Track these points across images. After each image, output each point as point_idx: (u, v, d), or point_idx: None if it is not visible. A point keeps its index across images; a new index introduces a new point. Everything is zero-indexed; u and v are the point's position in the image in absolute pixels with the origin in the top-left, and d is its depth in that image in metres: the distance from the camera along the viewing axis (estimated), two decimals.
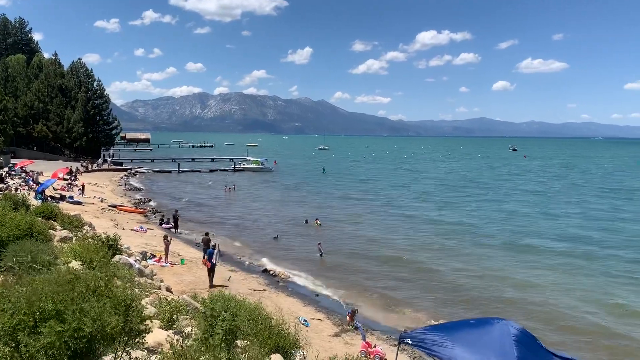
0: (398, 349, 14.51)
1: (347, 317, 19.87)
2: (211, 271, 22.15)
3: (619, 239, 36.36)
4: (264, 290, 23.28)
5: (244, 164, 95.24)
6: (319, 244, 32.02)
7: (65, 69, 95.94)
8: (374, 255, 31.38)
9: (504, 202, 55.34)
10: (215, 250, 22.92)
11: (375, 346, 17.12)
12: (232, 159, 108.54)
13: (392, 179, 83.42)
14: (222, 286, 21.87)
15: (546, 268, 28.54)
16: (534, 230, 39.38)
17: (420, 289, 24.89)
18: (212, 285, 21.74)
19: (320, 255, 31.09)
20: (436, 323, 16.22)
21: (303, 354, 11.53)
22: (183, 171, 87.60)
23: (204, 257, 23.99)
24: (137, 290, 10.95)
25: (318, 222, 40.56)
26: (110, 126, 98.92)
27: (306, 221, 41.06)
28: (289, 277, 26.62)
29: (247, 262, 29.42)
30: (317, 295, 24.18)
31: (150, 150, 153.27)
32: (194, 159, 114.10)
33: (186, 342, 7.85)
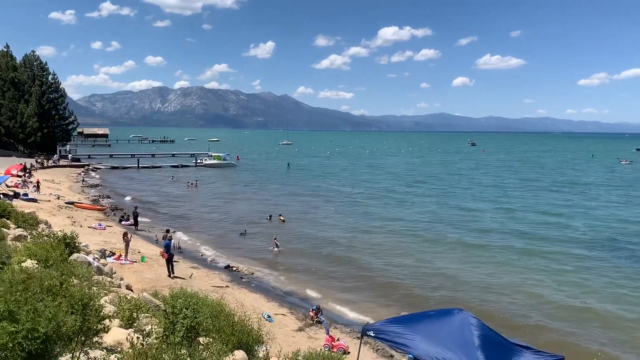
0: (361, 342, 14.68)
1: (310, 312, 19.94)
2: (169, 262, 22.75)
3: (569, 234, 37.55)
4: (226, 286, 23.12)
5: (206, 160, 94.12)
6: (275, 238, 32.18)
7: (18, 61, 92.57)
8: (337, 250, 31.57)
9: (461, 197, 56.29)
10: (172, 242, 23.53)
11: (338, 340, 17.26)
12: (194, 154, 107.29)
13: (355, 174, 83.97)
14: (182, 278, 21.66)
15: (499, 264, 29.19)
16: (488, 226, 40.21)
17: (382, 283, 25.17)
18: (172, 275, 22.36)
19: (276, 249, 31.21)
20: (398, 315, 16.46)
21: (266, 349, 11.51)
22: (143, 167, 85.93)
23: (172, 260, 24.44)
24: (95, 288, 10.71)
25: (282, 217, 40.50)
26: (67, 121, 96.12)
27: (270, 217, 40.93)
28: (252, 273, 26.51)
29: (209, 259, 29.14)
30: (281, 290, 24.18)
31: (109, 145, 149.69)
32: (154, 154, 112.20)
33: (147, 340, 7.73)
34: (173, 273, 22.61)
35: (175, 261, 26.38)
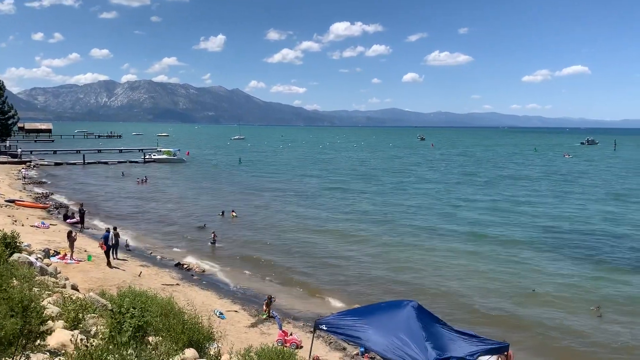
0: (314, 336, 14.79)
1: (264, 305, 19.90)
2: (108, 253, 23.80)
3: (515, 225, 38.94)
4: (177, 284, 22.76)
5: (155, 155, 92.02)
6: (213, 232, 32.01)
7: None
8: (288, 245, 31.61)
9: (408, 191, 57.31)
10: (111, 233, 24.60)
11: (291, 334, 17.31)
12: (142, 149, 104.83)
13: (307, 169, 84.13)
14: (121, 269, 21.16)
15: (447, 255, 29.98)
16: (437, 220, 41.15)
17: (334, 277, 25.37)
18: (110, 265, 23.54)
19: (213, 243, 31.06)
20: (350, 308, 16.66)
21: (218, 346, 11.43)
22: (89, 163, 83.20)
23: (112, 251, 25.06)
24: (36, 289, 10.33)
25: (234, 213, 40.14)
26: (6, 115, 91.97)
27: (222, 213, 40.52)
28: (204, 271, 26.19)
29: (159, 257, 28.57)
30: (233, 287, 24.00)
31: (52, 141, 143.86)
32: (100, 150, 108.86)
33: (92, 341, 7.52)
34: (110, 263, 23.72)
35: (124, 259, 25.92)
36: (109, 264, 23.55)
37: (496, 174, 75.72)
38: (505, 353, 12.98)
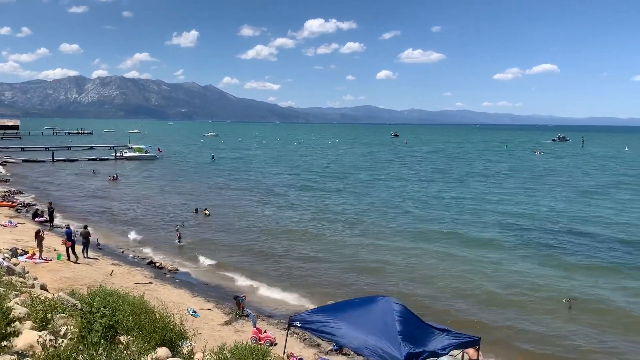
0: (287, 333, 14.77)
1: (237, 306, 19.79)
2: (72, 249, 23.89)
3: (488, 222, 39.57)
4: (149, 283, 22.51)
5: (126, 152, 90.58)
6: (177, 230, 31.69)
7: None
8: (262, 243, 31.51)
9: (382, 188, 57.58)
10: (73, 229, 25.24)
11: (265, 332, 17.29)
12: (114, 146, 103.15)
13: (282, 166, 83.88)
14: (87, 264, 20.82)
15: (419, 253, 30.33)
16: (412, 217, 41.54)
17: (307, 274, 25.42)
18: (70, 258, 23.63)
19: (179, 241, 30.79)
20: (324, 304, 16.69)
21: (191, 344, 11.34)
22: (58, 160, 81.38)
23: (83, 250, 25.27)
24: (2, 290, 10.07)
25: (207, 211, 39.82)
26: None
27: (195, 210, 40.17)
28: (177, 269, 25.93)
29: (131, 255, 28.18)
30: (207, 285, 23.83)
31: (20, 138, 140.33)
32: (70, 147, 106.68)
33: (61, 341, 7.38)
34: (77, 258, 23.87)
35: (95, 258, 25.52)
36: (71, 259, 23.64)
37: (467, 171, 76.58)
38: (477, 347, 13.21)
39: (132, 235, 32.94)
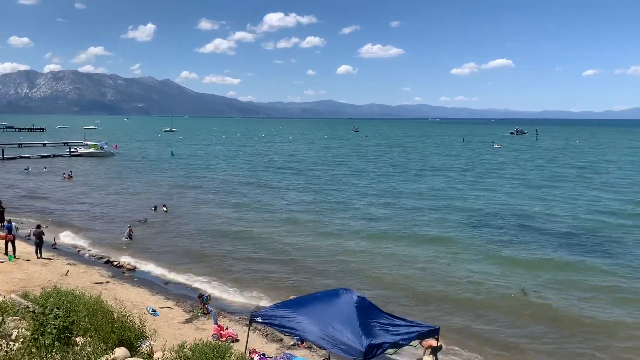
0: (249, 329, 14.74)
1: (200, 305, 19.54)
2: (12, 243, 24.06)
3: (446, 215, 40.35)
4: (107, 282, 22.02)
5: (81, 149, 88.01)
6: (129, 227, 31.21)
7: None
8: (222, 239, 31.19)
9: (342, 182, 57.84)
10: (13, 224, 25.81)
11: (227, 328, 17.17)
12: (68, 143, 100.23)
13: (243, 161, 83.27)
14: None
15: (375, 246, 30.69)
16: (368, 210, 42.04)
17: (268, 270, 25.28)
18: (7, 252, 23.80)
19: (129, 239, 30.32)
20: (286, 299, 16.70)
21: (150, 344, 11.16)
22: (9, 158, 78.38)
23: (36, 250, 24.95)
24: None
25: (165, 208, 39.18)
26: None
27: (154, 208, 39.46)
28: (135, 267, 25.43)
29: (87, 254, 27.48)
30: (167, 283, 23.48)
31: None
32: (21, 144, 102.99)
33: (13, 345, 7.13)
34: (14, 254, 23.87)
35: (49, 258, 24.78)
36: (6, 253, 23.84)
37: (424, 166, 77.38)
38: (436, 337, 13.50)
39: (89, 234, 32.07)
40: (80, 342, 9.12)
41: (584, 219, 37.23)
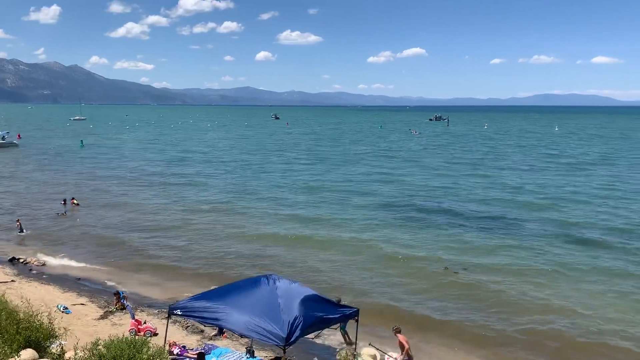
0: (168, 322, 14.45)
1: (114, 300, 18.80)
2: None
3: (371, 199, 41.32)
4: (12, 281, 20.75)
5: None
6: (18, 220, 29.80)
7: None
8: (137, 231, 30.21)
9: (259, 170, 57.59)
10: None
11: (145, 322, 16.71)
12: None
13: (156, 151, 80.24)
14: None
15: (296, 231, 30.99)
16: (291, 198, 42.26)
17: (186, 260, 24.80)
18: None
19: (21, 233, 29.04)
20: (207, 290, 16.48)
21: (61, 343, 10.63)
22: None
23: None
24: None
25: (75, 201, 37.22)
26: None
27: (64, 201, 37.36)
28: (44, 264, 24.06)
29: None
30: (79, 279, 22.41)
31: None
32: None
33: None
34: None
35: None
36: None
37: (344, 153, 78.46)
38: (356, 317, 13.89)
39: None
40: None
41: (493, 199, 39.65)
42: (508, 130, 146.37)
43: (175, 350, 14.38)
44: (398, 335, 14.47)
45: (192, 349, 14.65)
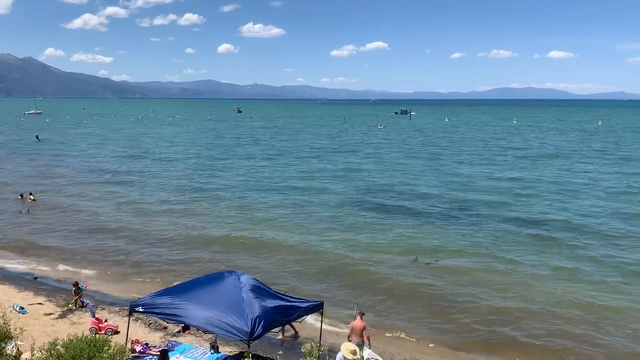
0: (129, 319, 14.16)
1: (72, 294, 18.31)
2: None
3: (330, 195, 41.46)
4: None
5: None
6: None
7: None
8: (97, 228, 29.45)
9: (224, 167, 57.00)
10: None
11: (106, 321, 16.37)
12: None
13: (115, 146, 78.15)
14: None
15: (260, 227, 30.92)
16: (246, 197, 41.98)
17: (147, 257, 24.38)
18: None
19: None
20: (170, 286, 16.25)
21: (16, 344, 10.30)
22: None
23: None
24: None
25: (32, 196, 36.08)
26: None
27: (21, 196, 36.34)
28: None
29: None
30: (36, 277, 21.75)
31: None
32: None
33: None
34: None
35: None
36: None
37: (306, 147, 77.72)
38: (321, 310, 13.95)
39: None
40: None
41: (452, 194, 40.19)
42: (464, 123, 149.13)
43: (138, 348, 14.14)
44: (361, 318, 14.52)
45: (155, 346, 14.43)
